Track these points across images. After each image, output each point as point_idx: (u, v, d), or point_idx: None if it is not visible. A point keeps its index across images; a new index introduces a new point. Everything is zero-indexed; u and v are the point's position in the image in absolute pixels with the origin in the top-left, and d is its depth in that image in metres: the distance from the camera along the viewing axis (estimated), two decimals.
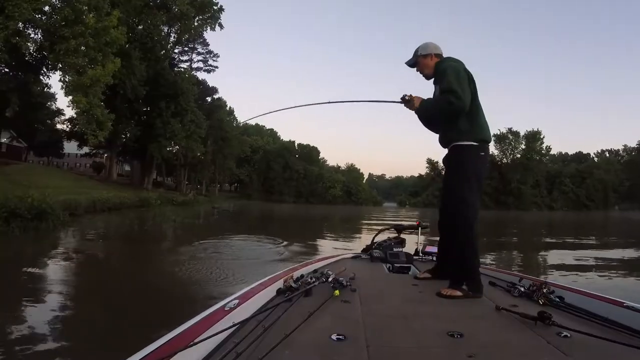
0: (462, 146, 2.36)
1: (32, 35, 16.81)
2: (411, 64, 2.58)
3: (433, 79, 2.55)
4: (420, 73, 2.56)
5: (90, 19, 16.11)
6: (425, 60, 2.53)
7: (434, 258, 3.01)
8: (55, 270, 6.66)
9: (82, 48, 16.17)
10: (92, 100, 16.98)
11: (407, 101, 2.52)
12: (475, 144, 2.35)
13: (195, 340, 1.18)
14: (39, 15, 16.00)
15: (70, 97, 17.02)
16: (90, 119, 17.64)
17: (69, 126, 35.17)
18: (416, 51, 2.56)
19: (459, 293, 2.13)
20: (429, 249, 3.66)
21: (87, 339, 3.60)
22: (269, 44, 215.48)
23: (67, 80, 17.17)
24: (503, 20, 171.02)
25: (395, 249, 3.50)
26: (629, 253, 11.76)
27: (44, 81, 22.62)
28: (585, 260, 9.80)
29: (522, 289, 2.12)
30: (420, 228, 4.05)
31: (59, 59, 16.52)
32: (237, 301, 1.67)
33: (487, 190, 69.82)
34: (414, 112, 2.53)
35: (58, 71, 18.03)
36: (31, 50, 17.93)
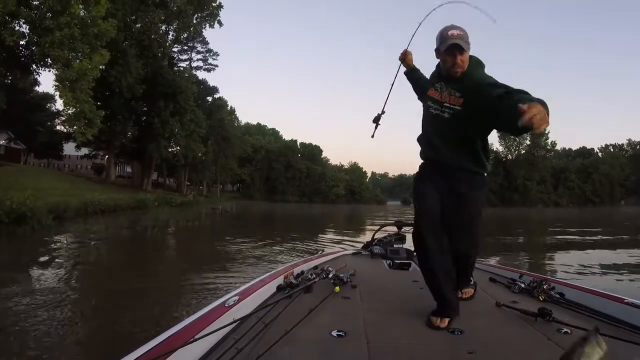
0: (485, 178, 1.97)
1: (17, 28, 16.08)
2: (467, 48, 1.77)
3: (450, 78, 1.84)
4: (451, 65, 1.79)
5: (76, 9, 15.29)
6: (468, 54, 1.79)
7: None
8: None
9: (67, 41, 15.37)
10: (79, 95, 16.19)
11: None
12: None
13: (196, 337, 1.17)
14: (25, 9, 15.30)
15: (57, 93, 16.35)
16: (78, 115, 16.87)
17: (66, 126, 34.68)
18: (466, 36, 1.75)
19: (472, 290, 2.01)
20: None
21: None
22: (269, 40, 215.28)
23: (55, 74, 16.41)
24: (508, 12, 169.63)
25: (395, 246, 3.52)
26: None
27: (32, 77, 21.82)
28: (606, 264, 9.01)
29: (522, 285, 2.12)
30: None
31: (44, 52, 15.76)
32: (237, 297, 1.65)
33: (493, 188, 69.10)
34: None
35: (48, 68, 17.41)
36: (20, 46, 17.31)
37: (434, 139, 1.94)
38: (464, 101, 1.78)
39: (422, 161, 2.06)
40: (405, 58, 2.30)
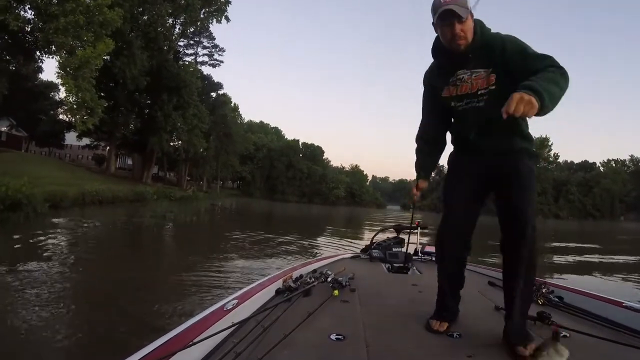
0: (536, 153, 1.74)
1: (22, 14, 15.92)
2: (465, 15, 1.46)
3: (461, 55, 1.55)
4: (450, 37, 1.50)
5: None
6: (471, 21, 1.51)
7: (434, 258, 2.68)
8: None
9: (72, 28, 15.21)
10: (81, 83, 16.03)
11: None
12: None
13: (195, 340, 1.17)
14: None
15: (60, 81, 16.16)
16: (80, 104, 16.71)
17: (68, 116, 34.57)
18: (463, 0, 1.46)
19: (534, 344, 1.35)
20: (428, 249, 3.60)
21: None
22: (274, 40, 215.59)
23: (58, 61, 16.25)
24: (509, 19, 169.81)
25: (394, 249, 3.50)
26: None
27: (36, 65, 21.63)
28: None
29: None
30: (419, 228, 4.03)
31: (48, 38, 15.58)
32: (236, 301, 1.65)
33: (493, 197, 68.80)
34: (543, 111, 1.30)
35: (51, 55, 17.22)
36: (24, 32, 17.15)
37: (472, 133, 1.65)
38: (497, 76, 1.53)
39: (452, 147, 1.80)
40: (419, 191, 1.97)
